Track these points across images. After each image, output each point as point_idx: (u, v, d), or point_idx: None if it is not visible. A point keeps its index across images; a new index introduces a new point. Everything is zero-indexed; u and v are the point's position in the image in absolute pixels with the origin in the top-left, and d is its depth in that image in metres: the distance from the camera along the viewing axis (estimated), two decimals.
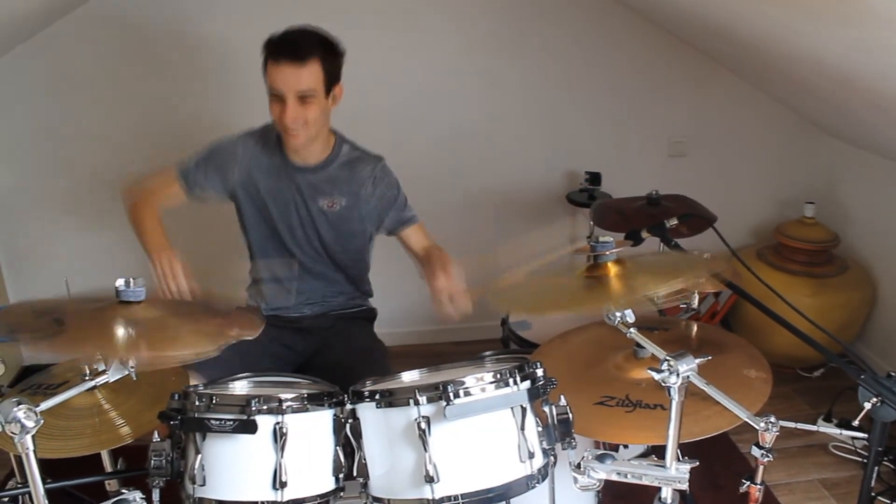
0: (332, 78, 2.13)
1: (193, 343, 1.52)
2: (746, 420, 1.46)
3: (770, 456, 1.47)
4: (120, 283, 1.54)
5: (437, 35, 3.28)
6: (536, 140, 3.48)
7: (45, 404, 1.40)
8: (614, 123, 3.48)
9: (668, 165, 3.54)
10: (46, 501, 1.36)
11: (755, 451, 1.48)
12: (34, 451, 1.34)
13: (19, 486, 2.27)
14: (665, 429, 1.44)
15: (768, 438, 1.45)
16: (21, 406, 1.31)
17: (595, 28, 3.31)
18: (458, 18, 3.26)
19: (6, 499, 2.03)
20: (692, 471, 1.46)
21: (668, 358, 1.38)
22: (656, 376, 1.39)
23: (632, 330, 1.60)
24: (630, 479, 1.48)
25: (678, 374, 1.37)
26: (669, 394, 1.40)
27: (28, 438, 1.32)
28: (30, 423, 1.31)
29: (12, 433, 1.30)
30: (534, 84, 3.38)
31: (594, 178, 3.32)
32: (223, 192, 2.32)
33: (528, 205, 3.55)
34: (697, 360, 1.39)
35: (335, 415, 1.51)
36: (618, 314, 1.65)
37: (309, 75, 2.07)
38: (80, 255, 3.46)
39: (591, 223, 3.22)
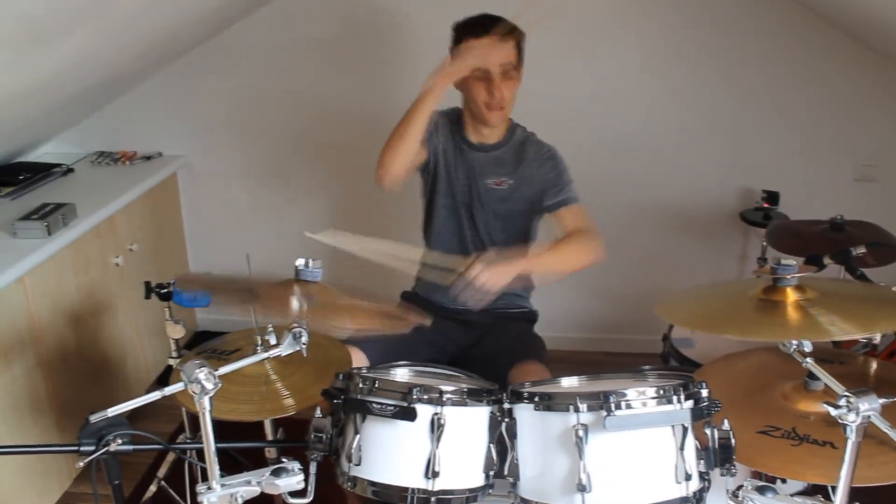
0: (521, 58, 2.25)
1: (383, 321, 1.59)
2: None
3: None
4: (300, 262, 1.61)
5: (616, 40, 3.23)
6: (712, 152, 3.36)
7: (223, 369, 1.48)
8: (798, 141, 3.30)
9: (855, 190, 3.32)
10: (217, 458, 1.44)
11: None
12: (210, 412, 1.42)
13: (188, 440, 2.45)
14: (834, 468, 1.36)
15: None
16: (203, 369, 1.39)
17: (786, 40, 3.15)
18: (639, 24, 3.20)
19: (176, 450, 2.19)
20: None
21: (848, 394, 1.30)
22: (833, 412, 1.31)
23: (808, 360, 1.52)
24: None
25: (858, 413, 1.28)
26: (845, 432, 1.31)
27: (206, 399, 1.40)
28: (209, 386, 1.38)
29: (193, 392, 1.39)
30: (713, 94, 3.26)
31: (772, 198, 3.18)
32: (431, 155, 2.38)
33: (697, 219, 3.45)
34: (882, 400, 1.30)
35: (492, 412, 1.51)
36: (794, 342, 1.57)
37: (511, 50, 2.20)
38: (261, 230, 3.67)
39: (765, 244, 3.09)
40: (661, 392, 1.43)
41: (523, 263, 2.09)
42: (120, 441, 1.49)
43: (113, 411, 1.45)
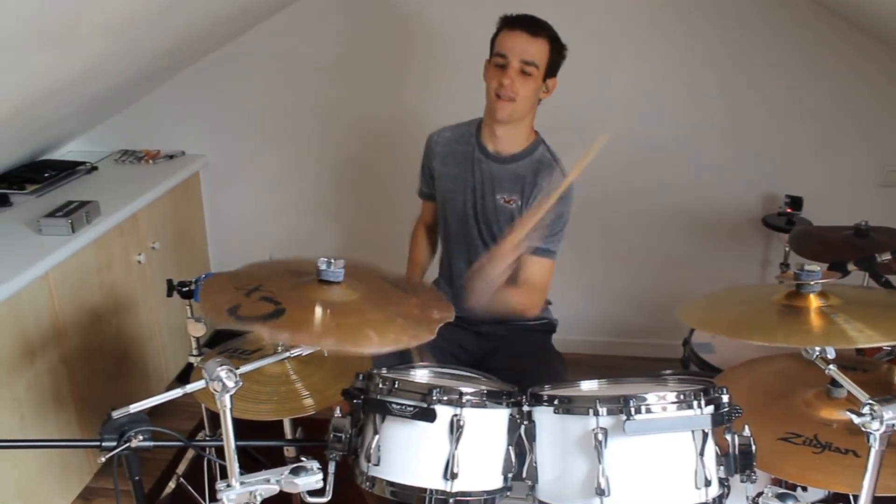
0: (552, 66, 2.21)
1: (406, 332, 1.58)
2: None
3: None
4: (322, 262, 1.61)
5: (638, 45, 3.21)
6: (734, 157, 3.33)
7: (244, 368, 1.48)
8: (822, 146, 3.27)
9: (881, 196, 3.28)
10: (237, 456, 1.45)
11: None
12: (230, 410, 1.42)
13: (208, 438, 2.46)
14: (857, 477, 1.35)
15: None
16: (224, 367, 1.39)
17: (810, 43, 3.12)
18: (662, 29, 3.18)
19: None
20: None
21: (871, 402, 1.29)
22: (856, 420, 1.30)
23: (831, 367, 1.50)
24: None
25: (882, 421, 1.26)
26: (869, 441, 1.30)
27: (227, 397, 1.40)
28: (230, 384, 1.39)
29: (215, 390, 1.39)
30: (737, 98, 3.23)
31: (795, 203, 3.15)
32: (434, 188, 2.42)
33: (719, 224, 3.42)
34: None
35: (511, 414, 1.51)
36: (817, 349, 1.55)
37: (536, 48, 2.16)
38: (283, 230, 3.69)
39: (787, 249, 3.06)
40: (682, 397, 1.42)
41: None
42: (141, 437, 1.50)
43: (135, 407, 1.46)
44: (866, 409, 1.29)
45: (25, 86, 2.22)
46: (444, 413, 1.45)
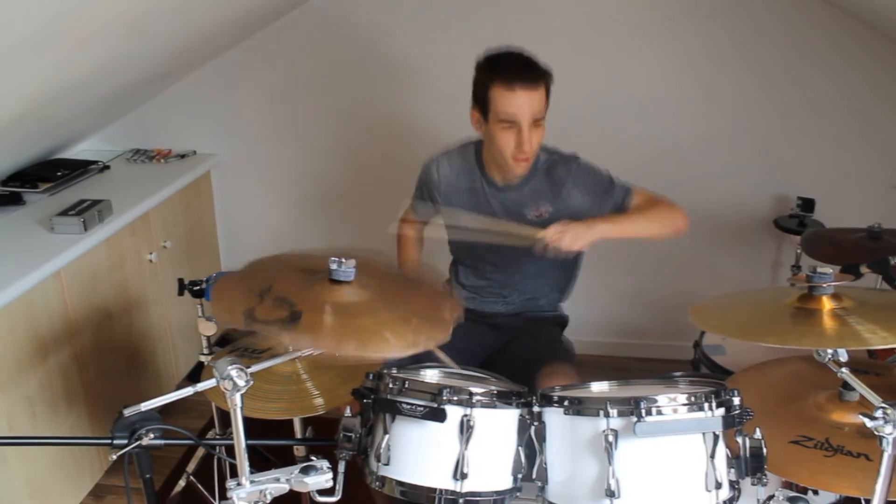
0: (549, 99, 2.12)
1: (422, 332, 1.58)
2: None
3: None
4: (332, 262, 1.61)
5: (648, 45, 3.19)
6: (746, 158, 3.31)
7: (255, 367, 1.49)
8: (834, 147, 3.25)
9: (893, 197, 3.25)
10: (247, 455, 1.45)
11: None
12: (241, 409, 1.43)
13: (218, 436, 2.47)
14: (869, 481, 1.34)
15: None
16: (235, 365, 1.39)
17: (822, 43, 3.10)
18: (672, 29, 3.16)
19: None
20: None
21: (884, 405, 1.28)
22: (869, 423, 1.29)
23: (844, 370, 1.49)
24: None
25: (895, 425, 1.26)
26: (881, 445, 1.29)
27: (238, 396, 1.40)
28: (241, 383, 1.39)
29: (226, 389, 1.40)
30: (748, 99, 3.22)
31: (807, 205, 3.13)
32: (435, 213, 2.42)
33: (730, 225, 3.41)
34: None
35: (521, 415, 1.51)
36: (829, 351, 1.55)
37: (541, 99, 2.06)
38: (293, 229, 3.70)
39: (799, 251, 3.05)
40: (693, 399, 1.42)
41: (603, 227, 2.05)
42: (152, 435, 1.50)
43: (146, 405, 1.47)
44: (879, 413, 1.28)
45: (37, 85, 2.23)
46: (454, 413, 1.45)
